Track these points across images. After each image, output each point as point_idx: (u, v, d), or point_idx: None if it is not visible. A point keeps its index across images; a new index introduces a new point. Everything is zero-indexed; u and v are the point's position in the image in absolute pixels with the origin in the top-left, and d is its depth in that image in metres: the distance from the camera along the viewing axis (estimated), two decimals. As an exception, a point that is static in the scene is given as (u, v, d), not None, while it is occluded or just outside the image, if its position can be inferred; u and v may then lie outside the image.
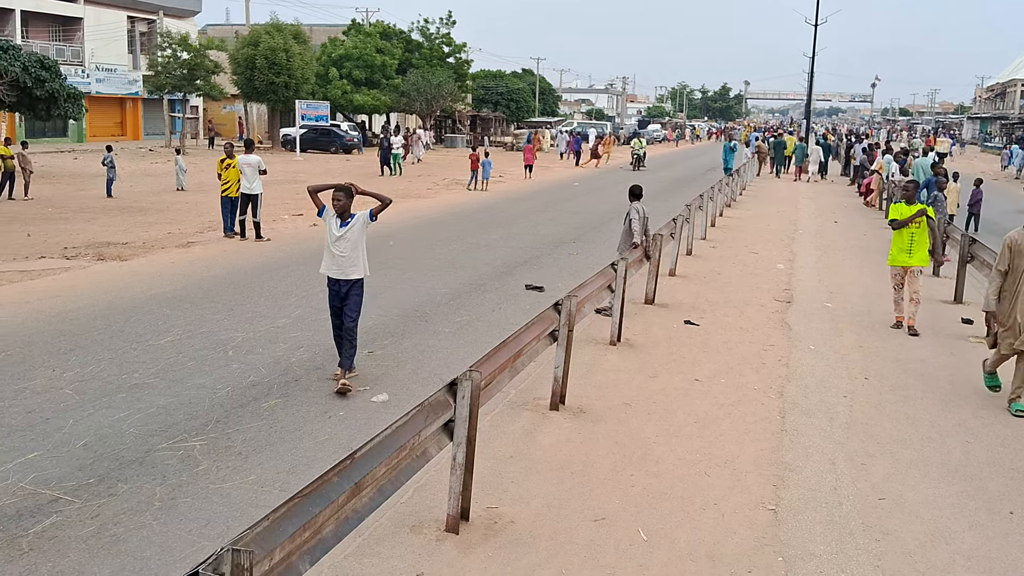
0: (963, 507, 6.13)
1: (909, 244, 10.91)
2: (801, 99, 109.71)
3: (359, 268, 8.28)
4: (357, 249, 8.23)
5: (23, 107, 29.43)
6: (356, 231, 8.21)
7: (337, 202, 8.19)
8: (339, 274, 8.21)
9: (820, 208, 26.62)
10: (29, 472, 6.12)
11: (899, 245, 10.98)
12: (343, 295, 8.23)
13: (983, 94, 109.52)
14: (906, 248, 10.91)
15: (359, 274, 8.29)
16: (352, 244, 8.18)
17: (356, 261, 8.24)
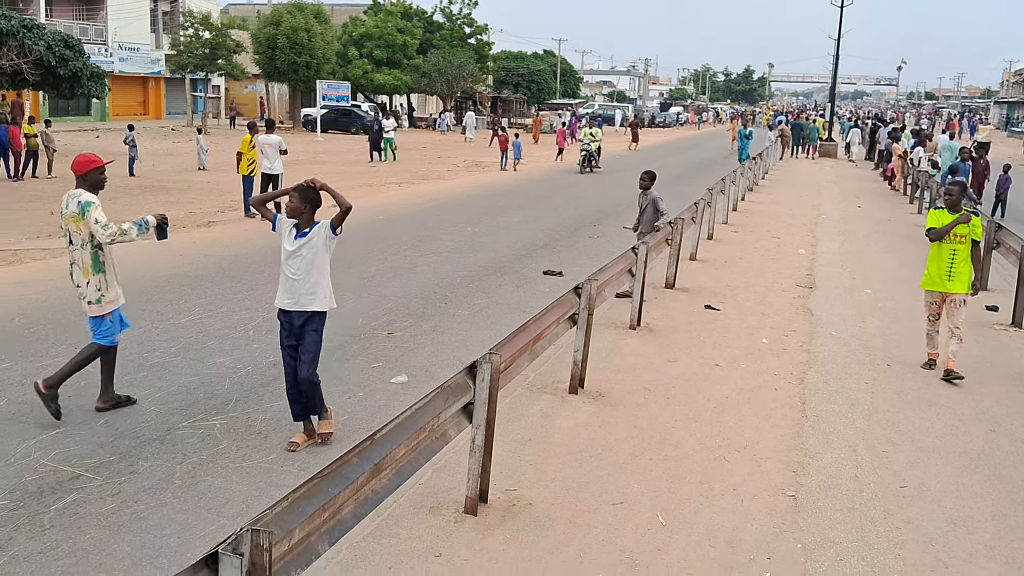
0: (986, 496, 6.08)
1: (950, 264, 8.64)
2: (825, 82, 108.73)
3: (318, 296, 6.18)
4: (315, 270, 6.14)
5: (47, 86, 29.56)
6: (314, 246, 6.13)
7: (290, 204, 6.15)
8: (291, 303, 6.15)
9: (844, 192, 26.40)
10: (51, 449, 6.16)
11: (937, 264, 8.72)
12: (296, 332, 6.19)
13: (1010, 78, 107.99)
14: (945, 269, 8.65)
15: (319, 305, 6.19)
16: (308, 263, 6.11)
17: (314, 287, 6.14)
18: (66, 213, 6.72)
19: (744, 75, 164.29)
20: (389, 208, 19.27)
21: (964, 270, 8.63)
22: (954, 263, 8.63)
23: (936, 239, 8.70)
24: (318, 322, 6.23)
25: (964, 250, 8.66)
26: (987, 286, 12.82)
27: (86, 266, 6.76)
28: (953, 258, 8.63)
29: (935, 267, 8.73)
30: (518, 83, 71.95)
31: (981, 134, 47.54)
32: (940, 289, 8.69)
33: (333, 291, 6.37)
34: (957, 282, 8.61)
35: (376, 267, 12.80)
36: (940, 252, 8.70)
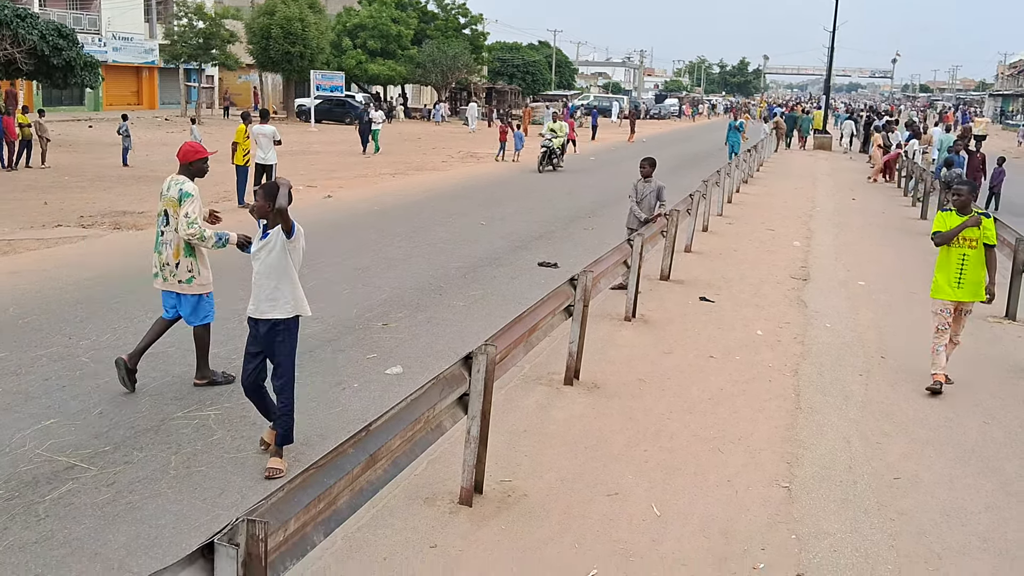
0: (979, 488, 6.10)
1: (959, 270, 7.92)
2: (820, 74, 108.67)
3: (279, 303, 5.68)
4: (274, 275, 5.66)
5: (40, 75, 29.46)
6: (271, 248, 5.67)
7: (256, 203, 5.80)
8: (253, 309, 5.74)
9: (838, 185, 26.44)
10: (46, 439, 6.15)
11: (945, 270, 8.00)
12: (261, 340, 5.76)
13: (1005, 71, 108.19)
14: (954, 276, 7.93)
15: (279, 312, 5.68)
16: (267, 267, 5.67)
17: (273, 293, 5.66)
18: (166, 195, 7.12)
19: (739, 67, 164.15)
20: (383, 199, 19.24)
21: (976, 277, 7.95)
22: (964, 269, 7.91)
23: (942, 243, 7.97)
24: (284, 332, 5.70)
25: (975, 255, 7.93)
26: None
27: (177, 247, 7.08)
28: (963, 264, 7.91)
29: (943, 274, 8.01)
30: (513, 74, 71.81)
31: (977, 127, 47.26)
32: (950, 298, 7.96)
33: (304, 297, 5.80)
34: (967, 290, 7.95)
35: (370, 258, 12.79)
36: (948, 257, 7.98)
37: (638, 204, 11.28)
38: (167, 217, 7.08)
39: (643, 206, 11.24)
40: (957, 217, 8.00)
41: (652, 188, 11.21)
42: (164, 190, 7.16)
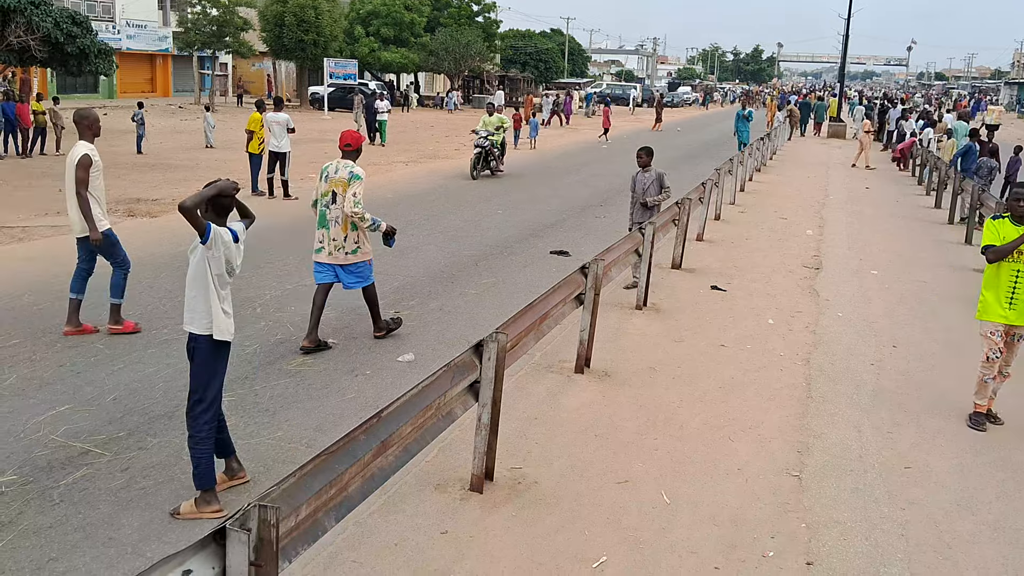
0: (990, 477, 6.09)
1: (1011, 288, 6.78)
2: (835, 62, 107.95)
3: (195, 317, 5.05)
4: (195, 284, 5.04)
5: (54, 63, 29.46)
6: (194, 252, 5.04)
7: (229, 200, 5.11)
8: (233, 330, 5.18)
9: (852, 173, 26.30)
10: (60, 425, 6.21)
11: (995, 288, 6.86)
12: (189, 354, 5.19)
13: (1021, 59, 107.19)
14: (1005, 295, 6.80)
15: (195, 327, 5.05)
16: (191, 275, 5.08)
17: (194, 303, 5.06)
18: (334, 177, 7.92)
19: (753, 55, 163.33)
20: (396, 187, 19.25)
21: None
22: (1018, 287, 6.76)
23: (997, 259, 6.80)
24: (198, 349, 5.07)
25: None
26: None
27: (345, 223, 7.94)
28: (1016, 281, 6.77)
29: (993, 292, 6.87)
30: (526, 62, 71.64)
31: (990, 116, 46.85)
32: (1001, 320, 6.85)
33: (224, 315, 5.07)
34: (1022, 311, 6.80)
35: (382, 246, 12.78)
36: (999, 273, 6.85)
37: (642, 195, 10.79)
38: (334, 196, 7.90)
39: (645, 197, 10.79)
40: (1013, 227, 6.84)
41: (652, 177, 10.76)
42: (331, 172, 7.95)
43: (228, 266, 5.04)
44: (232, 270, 5.09)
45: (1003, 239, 6.79)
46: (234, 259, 5.07)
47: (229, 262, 5.04)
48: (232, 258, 5.05)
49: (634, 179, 10.91)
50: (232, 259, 5.05)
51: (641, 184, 10.80)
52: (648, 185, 10.73)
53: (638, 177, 10.84)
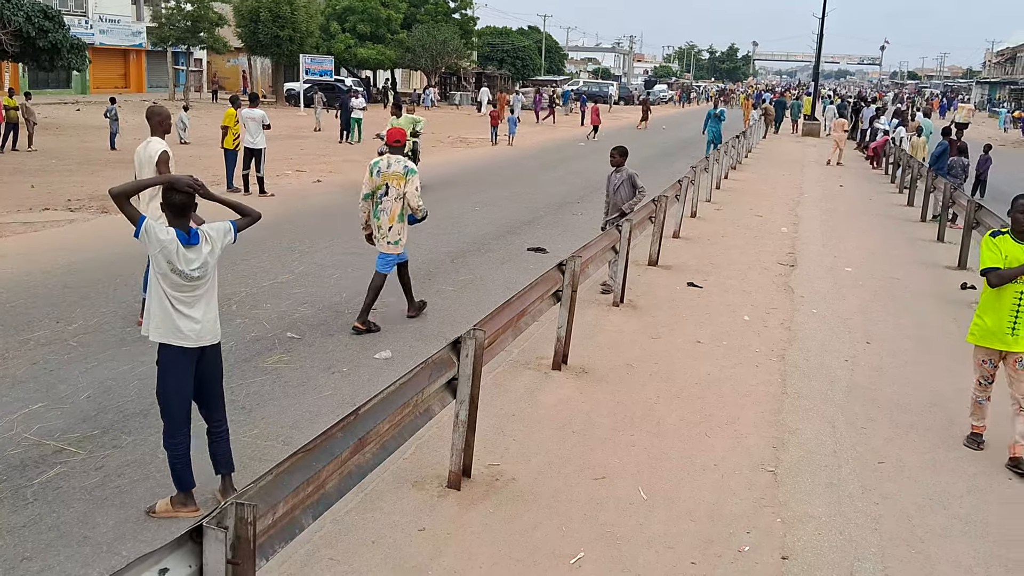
0: (962, 472, 6.16)
1: (1014, 313, 6.21)
2: (809, 61, 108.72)
3: (218, 316, 5.09)
4: (214, 286, 5.04)
5: (26, 57, 29.22)
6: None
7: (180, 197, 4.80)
8: (197, 336, 4.90)
9: (826, 172, 26.49)
10: (33, 423, 6.15)
11: (995, 312, 6.28)
12: (199, 369, 5.02)
13: (993, 58, 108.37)
14: (1008, 321, 6.22)
15: (145, 327, 4.99)
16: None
17: (216, 307, 5.06)
18: (388, 172, 8.48)
19: (728, 53, 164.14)
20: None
21: None
22: (1021, 311, 6.19)
23: (1001, 284, 6.21)
24: (219, 352, 5.15)
25: None
26: (967, 264, 12.93)
27: (394, 214, 8.52)
28: (1020, 305, 6.19)
29: (993, 317, 6.28)
30: (503, 59, 71.60)
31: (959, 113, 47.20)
32: (1000, 347, 6.30)
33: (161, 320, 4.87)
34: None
35: (360, 243, 12.70)
36: (1001, 297, 6.25)
37: (613, 194, 10.63)
38: (387, 189, 8.49)
39: (618, 197, 10.58)
40: (1015, 244, 6.28)
41: (624, 177, 10.53)
42: (383, 167, 8.49)
43: (170, 266, 4.73)
44: (178, 271, 4.75)
45: (1005, 258, 6.23)
46: (176, 261, 4.72)
47: (170, 263, 4.72)
48: (172, 259, 4.71)
49: (608, 178, 10.80)
50: (172, 260, 4.71)
51: (613, 184, 10.65)
52: (620, 185, 10.56)
53: (611, 177, 10.70)
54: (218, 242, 4.97)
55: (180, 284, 4.81)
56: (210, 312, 4.98)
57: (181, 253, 4.76)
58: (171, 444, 4.98)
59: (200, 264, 4.84)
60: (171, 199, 4.79)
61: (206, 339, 4.95)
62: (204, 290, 4.94)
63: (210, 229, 4.96)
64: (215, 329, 5.02)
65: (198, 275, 4.85)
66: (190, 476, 5.05)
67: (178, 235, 4.76)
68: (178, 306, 4.83)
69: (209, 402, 5.16)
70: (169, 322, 4.84)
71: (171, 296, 4.81)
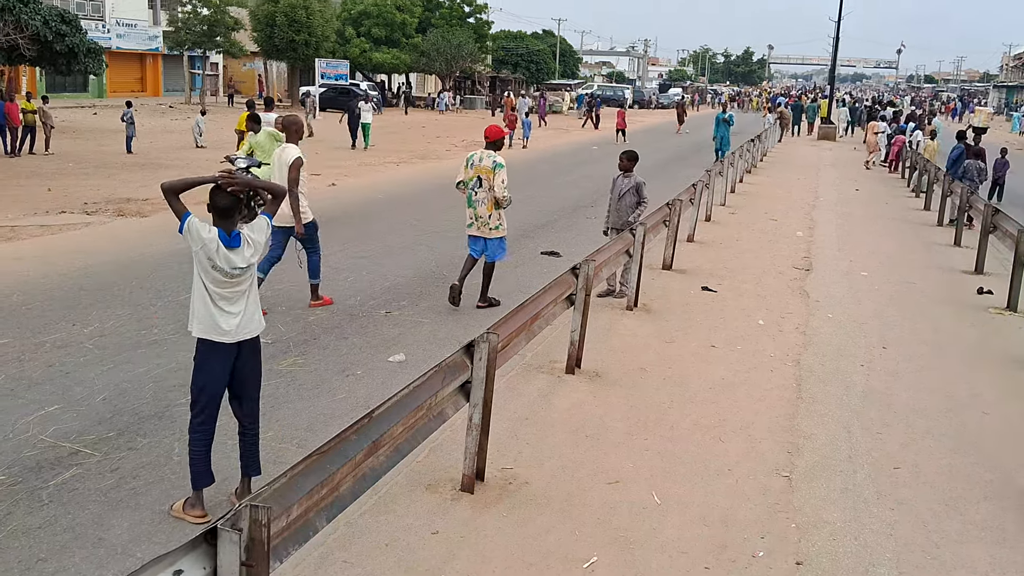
0: (978, 478, 6.12)
1: None
2: (825, 64, 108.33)
3: (260, 312, 5.20)
4: (255, 281, 5.16)
5: (43, 61, 29.43)
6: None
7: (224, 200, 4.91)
8: (235, 331, 4.97)
9: (842, 175, 26.39)
10: (49, 425, 6.19)
11: None
12: (237, 366, 5.08)
13: (1010, 62, 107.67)
14: None
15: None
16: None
17: (258, 303, 5.17)
18: (478, 165, 9.43)
19: (744, 57, 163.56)
20: (387, 187, 19.25)
21: None
22: None
23: None
24: (259, 347, 5.23)
25: None
26: (983, 269, 12.89)
27: (490, 204, 9.43)
28: None
29: None
30: (517, 63, 71.63)
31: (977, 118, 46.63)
32: None
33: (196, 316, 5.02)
34: None
35: (374, 246, 12.81)
36: None
37: (618, 200, 10.45)
38: (480, 181, 9.37)
39: (623, 203, 10.40)
40: None
41: (631, 184, 10.33)
42: (475, 161, 9.47)
43: (210, 263, 4.85)
44: (219, 268, 4.86)
45: None
46: (216, 259, 4.84)
47: (211, 259, 4.84)
48: (212, 256, 4.83)
49: (613, 182, 10.61)
50: (212, 257, 4.83)
51: (619, 189, 10.45)
52: (626, 191, 10.36)
53: (618, 181, 10.51)
54: (260, 242, 5.04)
55: (221, 280, 4.91)
56: (250, 307, 5.06)
57: (222, 252, 4.85)
58: (195, 437, 5.03)
59: (243, 265, 4.94)
60: (216, 201, 4.89)
61: (244, 333, 5.01)
62: (245, 287, 5.02)
63: (251, 231, 5.01)
64: (254, 322, 5.07)
65: (238, 274, 4.94)
66: (207, 474, 5.08)
67: (220, 235, 4.86)
68: (219, 302, 4.93)
69: (243, 401, 5.20)
70: (209, 318, 4.93)
71: (212, 292, 4.92)
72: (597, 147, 33.10)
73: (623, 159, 10.48)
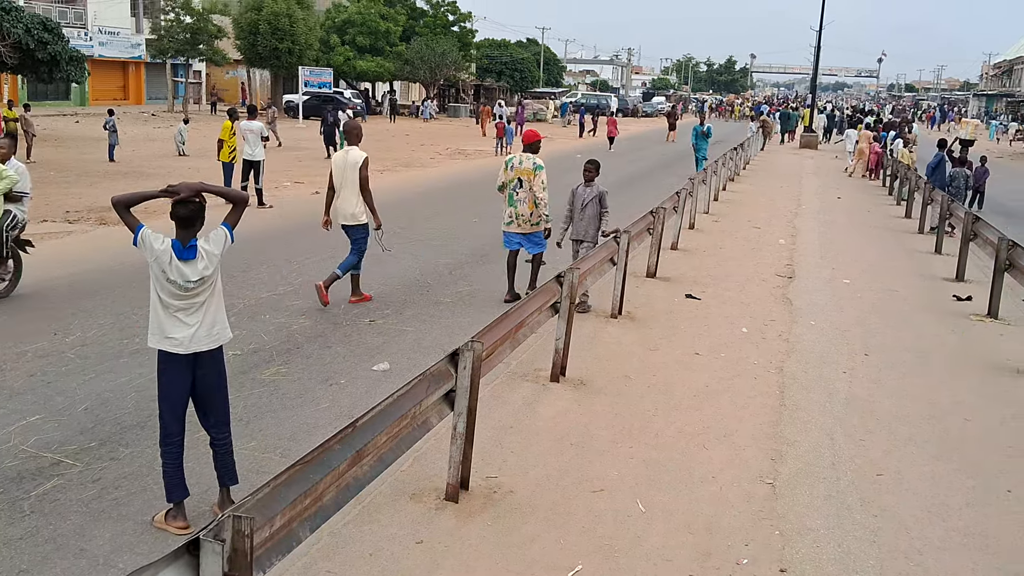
0: (960, 484, 6.16)
1: None
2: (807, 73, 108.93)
3: (223, 323, 5.11)
4: (216, 293, 5.07)
5: (25, 70, 29.27)
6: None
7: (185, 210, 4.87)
8: (188, 342, 4.90)
9: (824, 183, 26.54)
10: (31, 435, 6.14)
11: None
12: (197, 377, 5.03)
13: (990, 71, 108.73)
14: None
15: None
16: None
17: (220, 314, 5.07)
18: (519, 167, 10.11)
19: (726, 65, 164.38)
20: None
21: None
22: None
23: None
24: (222, 356, 5.18)
25: None
26: (964, 277, 12.97)
27: (530, 202, 10.13)
28: None
29: None
30: (501, 71, 71.77)
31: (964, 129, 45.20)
32: None
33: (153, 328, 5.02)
34: None
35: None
36: None
37: (581, 211, 10.13)
38: (521, 182, 10.07)
39: (587, 213, 10.10)
40: None
41: (595, 193, 10.08)
42: (516, 163, 10.14)
43: (164, 275, 4.81)
44: (172, 280, 4.81)
45: None
46: (169, 271, 4.79)
47: (164, 271, 4.80)
48: (165, 268, 4.79)
49: (574, 192, 10.28)
50: (165, 270, 4.79)
51: (582, 199, 10.15)
52: (589, 201, 10.09)
53: (579, 191, 10.20)
54: (216, 255, 4.98)
55: (175, 292, 4.87)
56: (208, 318, 4.99)
57: (174, 264, 4.81)
58: (163, 450, 5.03)
59: (196, 278, 4.88)
60: (176, 211, 4.85)
61: (200, 344, 4.95)
62: (203, 299, 4.96)
63: (207, 243, 4.95)
64: (212, 335, 5.01)
65: (193, 287, 4.88)
66: (180, 487, 5.04)
67: (175, 246, 4.82)
68: (175, 312, 4.89)
69: (208, 412, 5.15)
70: (160, 328, 4.91)
71: (166, 303, 4.88)
72: (581, 155, 33.16)
73: (589, 168, 10.25)
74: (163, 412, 5.01)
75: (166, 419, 5.00)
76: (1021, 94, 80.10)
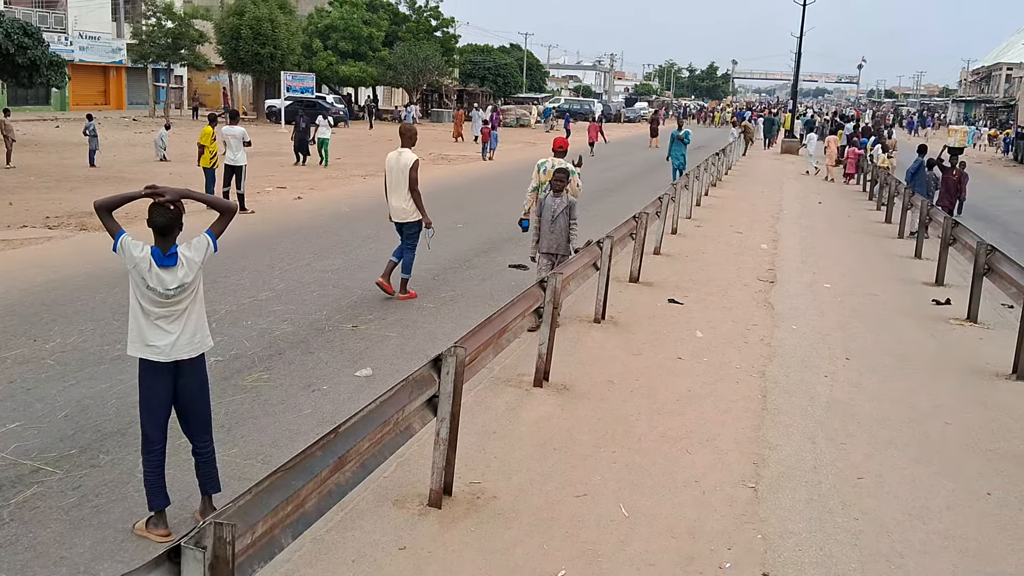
0: (941, 487, 6.20)
1: None
2: (788, 79, 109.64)
3: (204, 331, 5.07)
4: (198, 300, 5.02)
5: (5, 74, 29.12)
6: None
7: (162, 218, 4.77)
8: (169, 351, 4.87)
9: (805, 188, 26.70)
10: (10, 442, 6.09)
11: None
12: (178, 386, 4.99)
13: (968, 77, 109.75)
14: None
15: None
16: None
17: (201, 322, 5.03)
18: (549, 171, 10.13)
19: (708, 71, 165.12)
20: (353, 201, 19.18)
21: None
22: None
23: None
24: (203, 365, 5.15)
25: None
26: (944, 281, 13.07)
27: None
28: None
29: None
30: (484, 76, 71.84)
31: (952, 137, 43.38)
32: None
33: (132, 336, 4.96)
34: None
35: (341, 260, 12.76)
36: None
37: (551, 222, 9.59)
38: None
39: (557, 225, 9.58)
40: None
41: (564, 204, 9.59)
42: (548, 167, 10.26)
43: (144, 283, 4.76)
44: (152, 288, 4.76)
45: None
46: (148, 278, 4.74)
47: (144, 279, 4.75)
48: (145, 276, 4.74)
49: (542, 203, 9.75)
50: (145, 277, 4.74)
51: (551, 210, 9.60)
52: (559, 212, 9.57)
53: (547, 201, 9.67)
54: (197, 262, 4.93)
55: (156, 300, 4.82)
56: (189, 326, 4.94)
57: (154, 272, 4.76)
58: (144, 458, 4.99)
59: (176, 285, 4.83)
60: (154, 218, 4.77)
61: (181, 352, 4.91)
62: (184, 306, 4.91)
63: (188, 250, 4.91)
64: (193, 343, 4.97)
65: (173, 294, 4.84)
66: (161, 495, 5.00)
67: (154, 253, 4.77)
68: (155, 320, 4.84)
69: (190, 420, 5.11)
70: (141, 336, 4.86)
71: (147, 310, 4.83)
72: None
73: (560, 178, 9.66)
74: (144, 421, 4.98)
75: (147, 428, 4.97)
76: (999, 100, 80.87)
